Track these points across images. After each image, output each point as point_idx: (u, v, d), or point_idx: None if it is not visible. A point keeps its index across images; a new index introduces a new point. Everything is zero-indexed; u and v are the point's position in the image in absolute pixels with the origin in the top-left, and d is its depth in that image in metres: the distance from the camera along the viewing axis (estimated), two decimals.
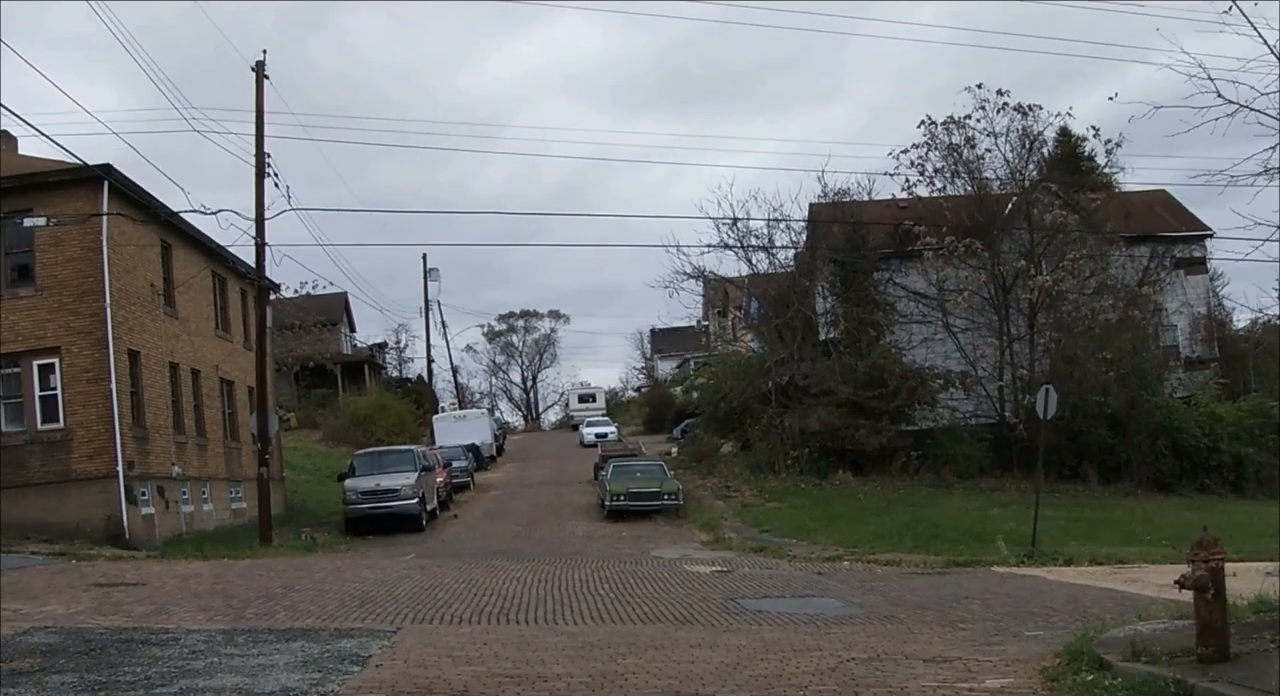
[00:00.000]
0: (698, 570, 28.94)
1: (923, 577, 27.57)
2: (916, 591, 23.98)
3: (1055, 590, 24.00)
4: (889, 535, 37.77)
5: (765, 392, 59.65)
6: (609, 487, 47.61)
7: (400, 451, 49.78)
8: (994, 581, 26.41)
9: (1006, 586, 25.08)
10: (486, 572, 27.49)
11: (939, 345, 59.46)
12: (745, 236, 60.88)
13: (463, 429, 77.08)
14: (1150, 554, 31.89)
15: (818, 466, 55.99)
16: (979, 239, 56.07)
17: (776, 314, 61.00)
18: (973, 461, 55.89)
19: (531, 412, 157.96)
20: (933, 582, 26.11)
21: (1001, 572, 28.79)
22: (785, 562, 32.10)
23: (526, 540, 40.94)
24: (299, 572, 27.10)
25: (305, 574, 26.71)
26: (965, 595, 22.95)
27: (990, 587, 24.78)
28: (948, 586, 25.07)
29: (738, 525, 43.39)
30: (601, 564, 30.62)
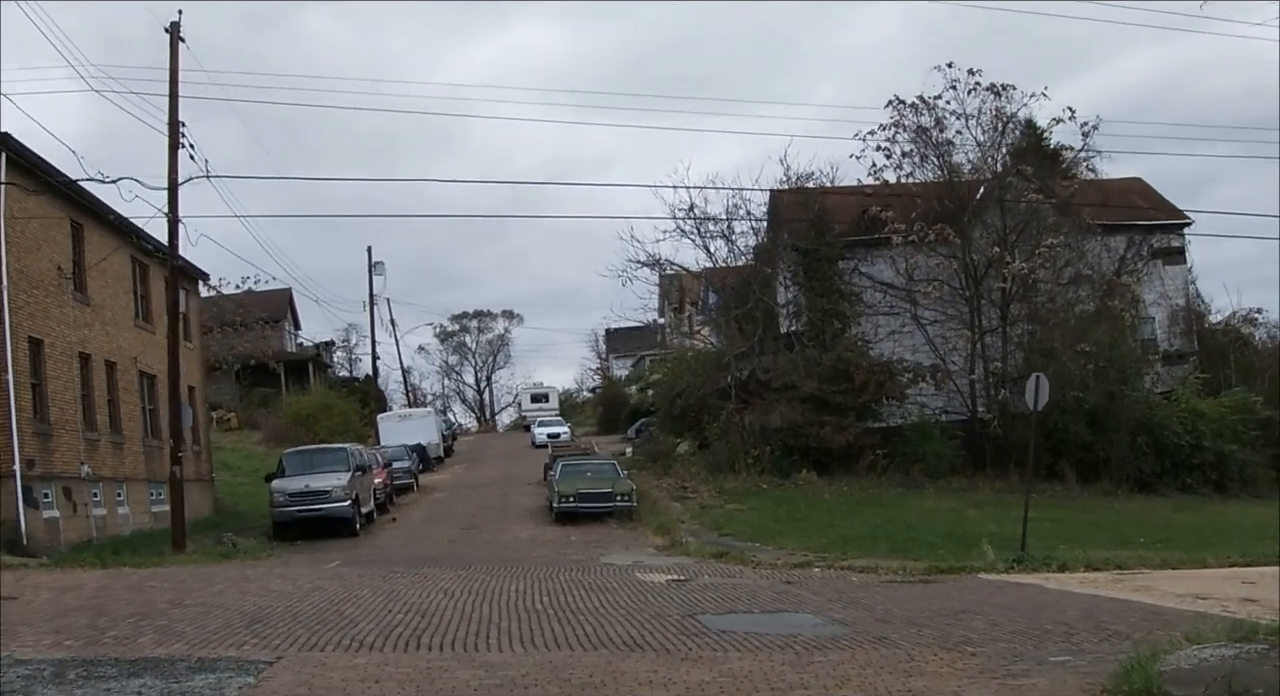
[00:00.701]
0: (651, 579, 25.79)
1: (905, 587, 24.54)
2: (903, 603, 20.88)
3: (1061, 602, 20.96)
4: (861, 538, 34.76)
5: (724, 388, 56.57)
6: (557, 488, 44.46)
7: (332, 450, 46.45)
8: (988, 591, 23.38)
9: (1004, 597, 22.06)
10: (413, 583, 24.38)
11: (907, 338, 56.51)
12: (703, 223, 57.62)
13: (408, 429, 74.44)
14: (1149, 558, 29.53)
15: (780, 465, 52.83)
16: (950, 225, 53.01)
17: (736, 304, 57.77)
18: (944, 460, 52.92)
19: (485, 414, 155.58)
20: (918, 593, 23.04)
21: (991, 580, 25.93)
22: (749, 570, 28.93)
23: (466, 545, 37.79)
24: (198, 584, 23.99)
25: (204, 586, 23.61)
26: (962, 609, 19.82)
27: (986, 599, 21.75)
28: (937, 597, 22.01)
29: (696, 528, 40.16)
30: (544, 572, 27.47)
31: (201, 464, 52.45)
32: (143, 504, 43.17)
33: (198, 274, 53.80)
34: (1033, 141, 57.23)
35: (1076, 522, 40.08)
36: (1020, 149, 56.82)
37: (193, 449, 50.84)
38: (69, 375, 38.33)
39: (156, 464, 45.71)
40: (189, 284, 52.69)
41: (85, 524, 37.78)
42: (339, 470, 43.01)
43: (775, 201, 58.52)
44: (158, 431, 46.63)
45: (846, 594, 22.83)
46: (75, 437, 38.29)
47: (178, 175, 36.53)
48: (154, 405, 46.96)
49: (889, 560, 30.00)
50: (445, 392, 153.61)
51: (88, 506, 38.27)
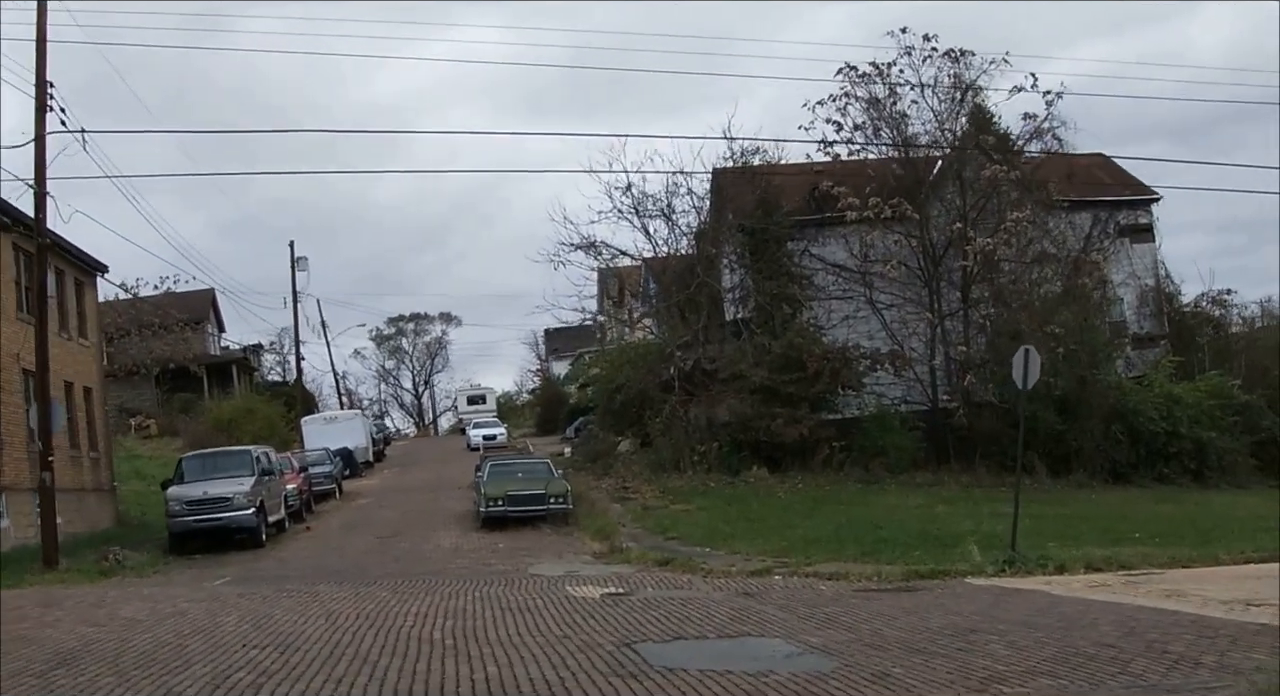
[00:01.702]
0: (585, 593, 21.80)
1: (886, 597, 20.75)
2: (892, 620, 17.04)
3: (1084, 613, 17.22)
4: (824, 540, 30.79)
5: (667, 381, 52.59)
6: (484, 491, 40.40)
7: (235, 453, 42.21)
8: (987, 601, 19.57)
9: (1011, 609, 18.24)
10: (296, 605, 20.50)
11: (862, 323, 52.61)
12: (641, 203, 53.52)
13: (334, 432, 70.39)
14: (1153, 555, 25.80)
15: (728, 462, 48.88)
16: (907, 200, 49.22)
17: (678, 289, 53.72)
18: (905, 453, 49.13)
19: (424, 419, 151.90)
20: (905, 605, 19.22)
21: (983, 586, 22.22)
22: (699, 579, 24.95)
23: (381, 556, 33.65)
24: (37, 610, 20.54)
25: (41, 612, 20.14)
26: (969, 627, 15.96)
27: (991, 611, 17.93)
28: (931, 611, 18.18)
29: (638, 532, 36.04)
30: (461, 587, 23.49)
31: (101, 472, 48.14)
32: (28, 516, 38.68)
33: (96, 266, 49.51)
34: (981, 125, 53.18)
35: (1056, 517, 36.27)
36: (968, 133, 52.99)
37: (89, 455, 46.71)
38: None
39: None
40: (84, 276, 48.48)
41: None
42: (242, 475, 38.86)
43: (718, 180, 54.50)
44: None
45: (819, 608, 18.91)
46: None
47: (45, 141, 32.30)
48: None
49: (859, 564, 26.05)
50: (382, 397, 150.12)
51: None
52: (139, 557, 35.45)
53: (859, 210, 49.01)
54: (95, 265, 49.36)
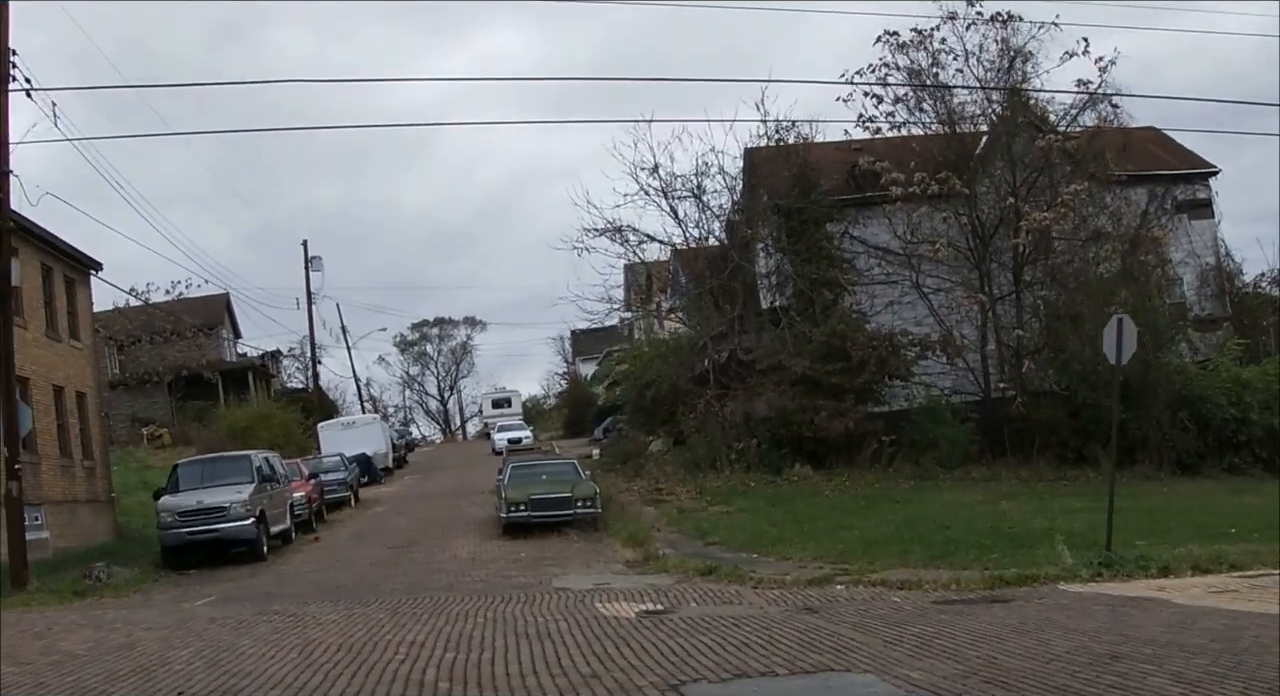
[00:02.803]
0: (617, 611, 18.44)
1: (977, 610, 17.43)
2: (999, 642, 13.76)
3: (1231, 628, 14.21)
4: (885, 543, 27.21)
5: (701, 375, 49.20)
6: (505, 495, 36.95)
7: (233, 458, 38.94)
8: (1101, 613, 16.29)
9: (1138, 623, 15.02)
10: (271, 633, 17.30)
11: (908, 309, 48.95)
12: (670, 184, 50.03)
13: (352, 437, 67.97)
14: (1262, 554, 22.23)
15: (769, 459, 45.42)
16: (955, 174, 45.75)
17: (712, 275, 50.18)
18: (958, 446, 45.52)
19: (449, 424, 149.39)
20: (1005, 620, 15.94)
21: (1084, 593, 18.94)
22: (749, 591, 21.53)
23: (391, 568, 30.22)
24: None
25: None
26: (1105, 651, 12.68)
27: (1114, 627, 14.73)
28: (1041, 627, 14.93)
29: (674, 537, 32.51)
30: (473, 605, 20.14)
31: (96, 482, 45.00)
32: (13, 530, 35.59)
33: (88, 262, 46.38)
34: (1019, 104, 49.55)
35: (1134, 512, 32.59)
36: (1016, 103, 49.40)
37: (83, 464, 43.62)
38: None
39: (29, 483, 38.35)
40: (74, 273, 45.37)
41: None
42: (240, 482, 35.62)
43: (751, 160, 51.05)
44: (27, 444, 39.34)
45: (903, 627, 15.55)
46: None
47: (7, 114, 29.09)
48: None
49: (930, 570, 22.68)
50: (407, 404, 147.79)
51: None
52: (126, 574, 32.37)
53: (904, 186, 45.51)
54: (87, 262, 46.23)
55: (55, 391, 42.09)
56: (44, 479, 39.54)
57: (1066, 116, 49.10)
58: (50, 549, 38.03)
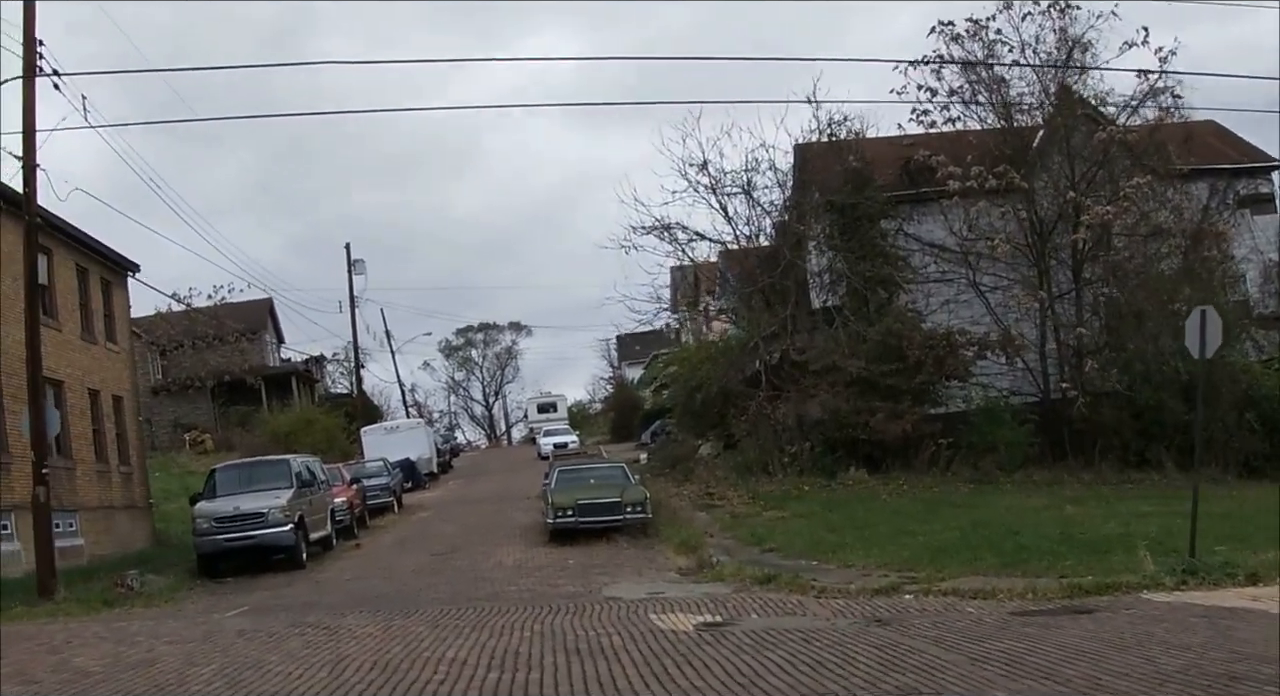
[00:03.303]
0: (674, 624, 17.19)
1: (1063, 621, 16.21)
2: (1098, 660, 12.53)
3: None
4: (951, 549, 25.78)
5: (752, 376, 47.88)
6: (552, 499, 35.65)
7: (272, 463, 37.77)
8: (1202, 626, 15.08)
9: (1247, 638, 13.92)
10: (303, 648, 16.21)
11: (964, 308, 47.44)
12: (719, 180, 48.69)
13: (396, 442, 66.79)
14: None
15: (822, 463, 44.00)
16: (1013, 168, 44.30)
17: (764, 272, 48.78)
18: (1017, 449, 43.97)
19: (494, 430, 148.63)
20: (1098, 633, 14.72)
21: (1172, 603, 17.77)
22: (813, 601, 20.23)
23: (433, 576, 29.03)
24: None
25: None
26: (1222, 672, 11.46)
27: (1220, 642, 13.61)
28: (1140, 642, 13.74)
29: (728, 543, 31.16)
30: (519, 617, 18.92)
31: (134, 488, 44.05)
32: None
33: (125, 264, 45.45)
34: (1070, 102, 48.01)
35: (1206, 516, 30.62)
36: (1074, 97, 47.86)
37: (120, 470, 42.70)
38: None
39: (63, 488, 37.42)
40: (111, 275, 44.46)
41: None
42: (279, 487, 34.54)
43: (802, 156, 49.69)
44: (62, 449, 38.42)
45: (987, 642, 14.28)
46: None
47: (35, 110, 28.08)
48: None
49: (1003, 578, 21.31)
50: (452, 409, 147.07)
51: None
52: (161, 582, 31.38)
53: (961, 180, 44.09)
54: (124, 263, 45.32)
55: (91, 395, 41.17)
56: (79, 484, 38.62)
57: (1127, 108, 47.61)
58: (85, 556, 37.14)
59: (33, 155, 28.04)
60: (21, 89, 28.08)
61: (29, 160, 28.00)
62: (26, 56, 28.09)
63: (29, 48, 28.19)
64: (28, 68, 28.04)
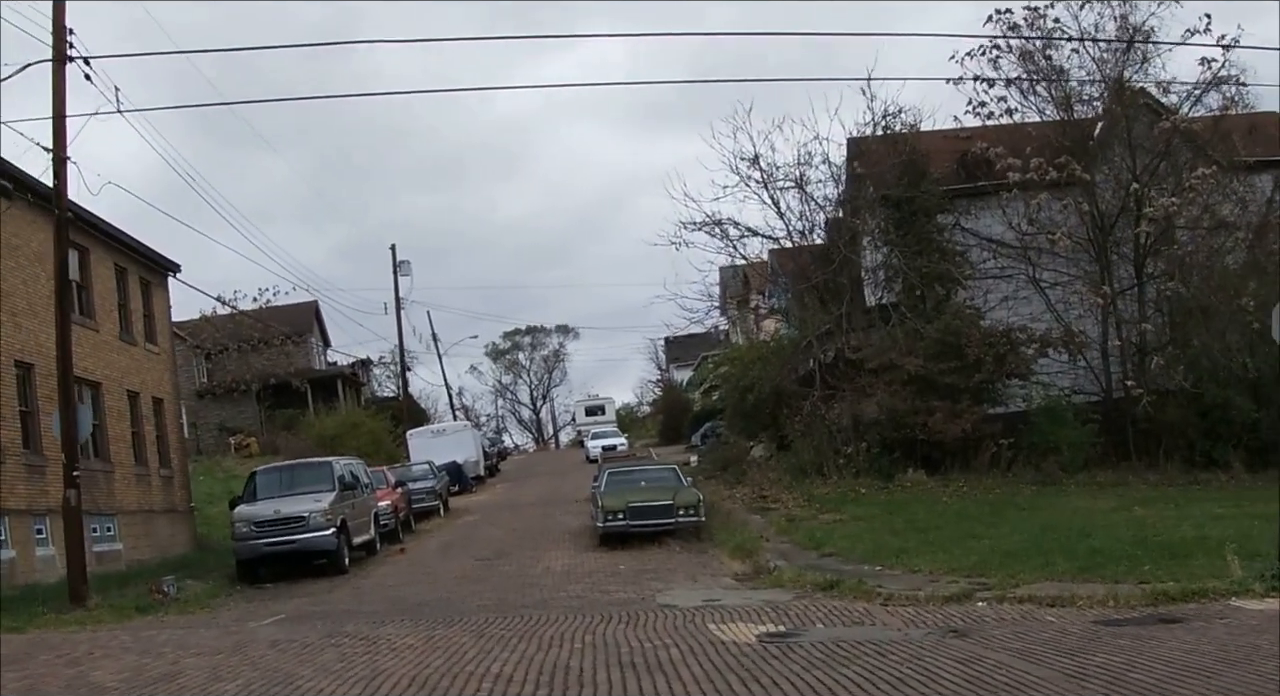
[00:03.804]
0: (735, 635, 16.04)
1: (1154, 631, 15.10)
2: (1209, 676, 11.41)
3: None
4: (1022, 554, 24.39)
5: (805, 376, 46.64)
6: (602, 502, 34.49)
7: (313, 465, 36.79)
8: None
9: None
10: (337, 661, 15.17)
11: (1023, 305, 46.00)
12: (770, 174, 47.39)
13: (442, 445, 66.14)
14: None
15: (879, 464, 42.74)
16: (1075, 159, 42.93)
17: (819, 268, 47.45)
18: (1079, 449, 42.53)
19: (542, 433, 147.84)
20: (1197, 646, 13.61)
21: (1265, 611, 16.38)
22: (880, 609, 19.02)
23: (479, 583, 27.91)
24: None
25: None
26: None
27: None
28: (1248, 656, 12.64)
29: (785, 548, 29.89)
30: (569, 626, 17.81)
31: (175, 492, 43.20)
32: None
33: (165, 264, 44.63)
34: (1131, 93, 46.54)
35: None
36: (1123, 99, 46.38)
37: (160, 473, 41.92)
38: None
39: (101, 492, 36.56)
40: (150, 275, 43.65)
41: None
42: (320, 490, 33.59)
43: (856, 150, 48.36)
44: (99, 452, 37.56)
45: (1078, 656, 13.10)
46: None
47: (65, 99, 27.12)
48: (97, 421, 37.77)
49: (1079, 584, 20.08)
50: (499, 413, 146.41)
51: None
52: (199, 588, 30.51)
53: (1021, 171, 42.72)
54: (164, 263, 44.53)
55: (130, 397, 40.39)
56: (117, 488, 37.80)
57: (1189, 98, 46.19)
58: (124, 561, 36.35)
59: (63, 147, 27.10)
60: (51, 76, 27.14)
61: (59, 152, 27.06)
62: (56, 43, 27.17)
63: (59, 34, 27.26)
64: (57, 54, 27.09)
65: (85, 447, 35.75)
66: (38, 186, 30.78)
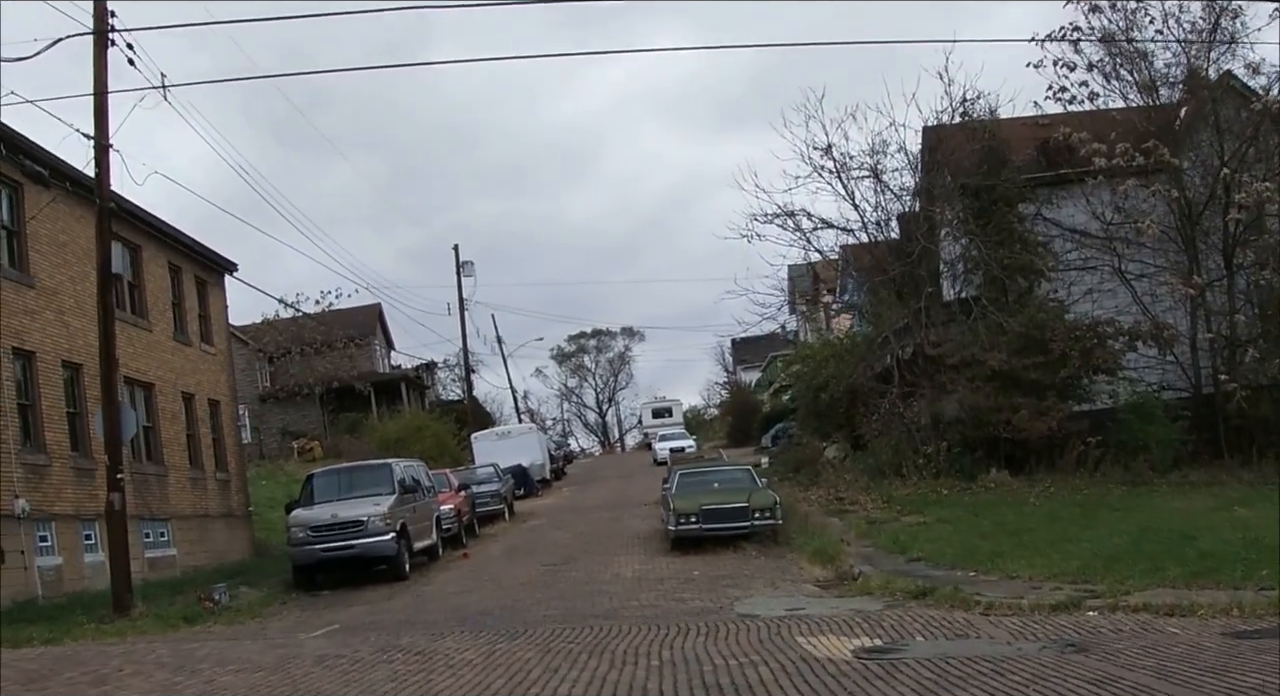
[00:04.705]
0: (828, 649, 14.48)
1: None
2: None
3: None
4: (1126, 557, 22.60)
5: (882, 373, 44.94)
6: (674, 505, 32.83)
7: (372, 468, 35.36)
8: None
9: None
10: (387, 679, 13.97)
11: (1107, 299, 43.99)
12: (844, 164, 45.63)
13: (507, 448, 65.15)
14: None
15: (960, 464, 40.87)
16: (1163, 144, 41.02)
17: (897, 260, 45.62)
18: (1168, 447, 40.59)
19: (608, 436, 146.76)
20: None
21: None
22: (982, 619, 17.36)
23: (545, 590, 26.37)
24: (15, 688, 13.41)
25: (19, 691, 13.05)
26: None
27: None
28: None
29: (869, 552, 28.14)
30: (643, 639, 16.31)
31: (232, 496, 42.08)
32: (129, 547, 32.23)
33: (221, 263, 43.50)
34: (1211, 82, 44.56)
35: None
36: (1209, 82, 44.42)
37: (216, 476, 40.83)
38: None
39: (154, 496, 35.39)
40: (206, 274, 42.52)
41: (20, 577, 27.33)
42: (380, 493, 32.25)
43: (933, 138, 46.53)
44: (153, 454, 36.40)
45: (1225, 673, 11.52)
46: (5, 462, 27.78)
47: (106, 81, 25.78)
48: (150, 423, 36.66)
49: (1196, 590, 18.38)
50: (565, 416, 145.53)
51: (25, 554, 27.73)
52: (253, 595, 29.35)
53: (1107, 157, 40.83)
54: (221, 262, 43.42)
55: (185, 399, 39.28)
56: (171, 491, 36.69)
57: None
58: (178, 566, 35.29)
59: (105, 133, 25.79)
60: (92, 56, 25.80)
61: (101, 139, 25.75)
62: (97, 21, 25.84)
63: (100, 12, 25.93)
64: (99, 29, 25.75)
65: (137, 450, 34.82)
66: (84, 178, 29.60)
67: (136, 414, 32.15)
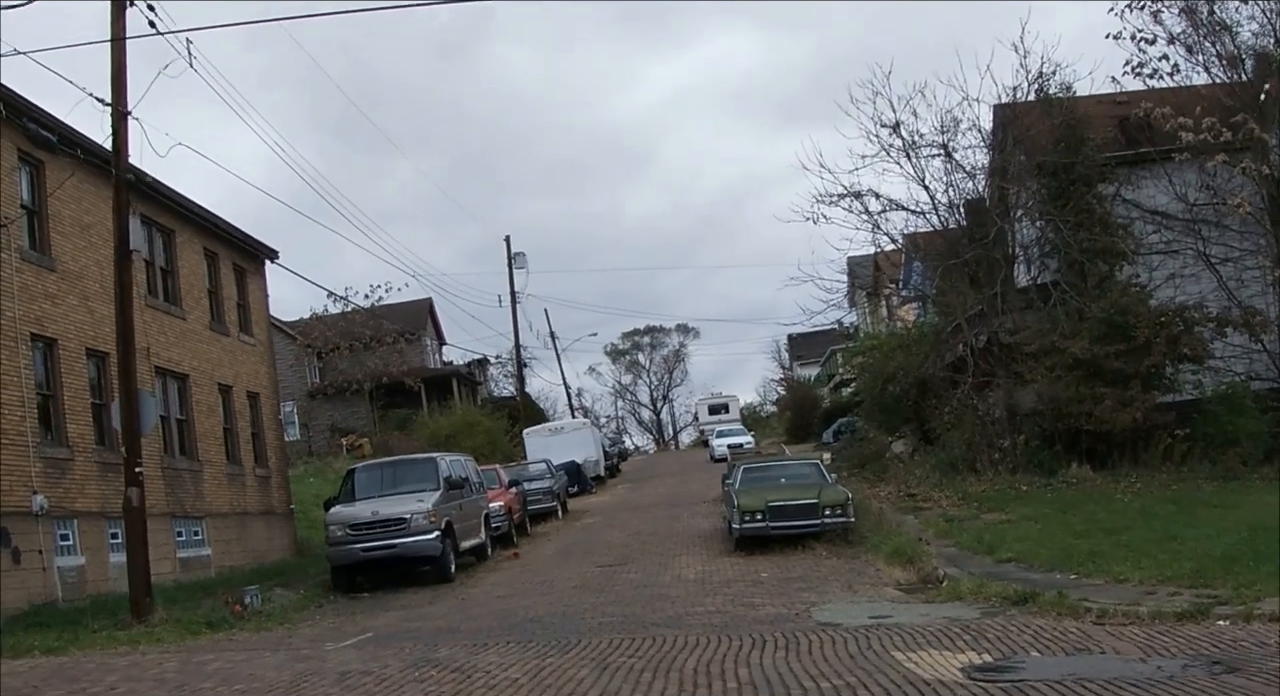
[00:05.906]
0: (932, 668, 12.33)
1: None
2: None
3: None
4: (1243, 559, 20.28)
5: (954, 363, 42.69)
6: (738, 502, 30.58)
7: (416, 462, 33.59)
8: None
9: None
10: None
11: (1190, 284, 41.61)
12: (913, 143, 43.35)
13: (560, 444, 63.56)
14: None
15: (1039, 458, 38.63)
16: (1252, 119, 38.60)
17: (971, 242, 43.23)
18: (1259, 441, 38.17)
19: (662, 434, 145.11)
20: None
21: None
22: (1098, 630, 15.16)
23: (599, 594, 24.28)
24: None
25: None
26: None
27: None
28: None
29: (951, 552, 25.96)
30: (713, 653, 14.25)
31: (272, 493, 40.18)
32: (160, 547, 30.44)
33: (260, 249, 41.66)
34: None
35: None
36: None
37: (255, 472, 38.98)
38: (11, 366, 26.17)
39: (187, 492, 33.55)
40: (245, 261, 40.69)
41: (39, 579, 25.49)
42: (424, 490, 30.40)
43: (1006, 116, 44.23)
44: (186, 449, 34.56)
45: None
46: (22, 458, 25.93)
47: (124, 44, 23.88)
48: (184, 416, 34.84)
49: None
50: (619, 414, 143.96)
51: (44, 554, 25.89)
52: (287, 598, 27.47)
53: (1194, 131, 38.39)
54: (260, 249, 41.57)
55: (221, 391, 37.41)
56: (206, 488, 34.80)
57: None
58: (213, 567, 33.47)
59: (123, 101, 23.89)
60: (110, 18, 23.91)
61: (119, 106, 23.84)
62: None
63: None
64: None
65: (169, 444, 33.17)
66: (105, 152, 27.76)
67: (158, 403, 30.31)
